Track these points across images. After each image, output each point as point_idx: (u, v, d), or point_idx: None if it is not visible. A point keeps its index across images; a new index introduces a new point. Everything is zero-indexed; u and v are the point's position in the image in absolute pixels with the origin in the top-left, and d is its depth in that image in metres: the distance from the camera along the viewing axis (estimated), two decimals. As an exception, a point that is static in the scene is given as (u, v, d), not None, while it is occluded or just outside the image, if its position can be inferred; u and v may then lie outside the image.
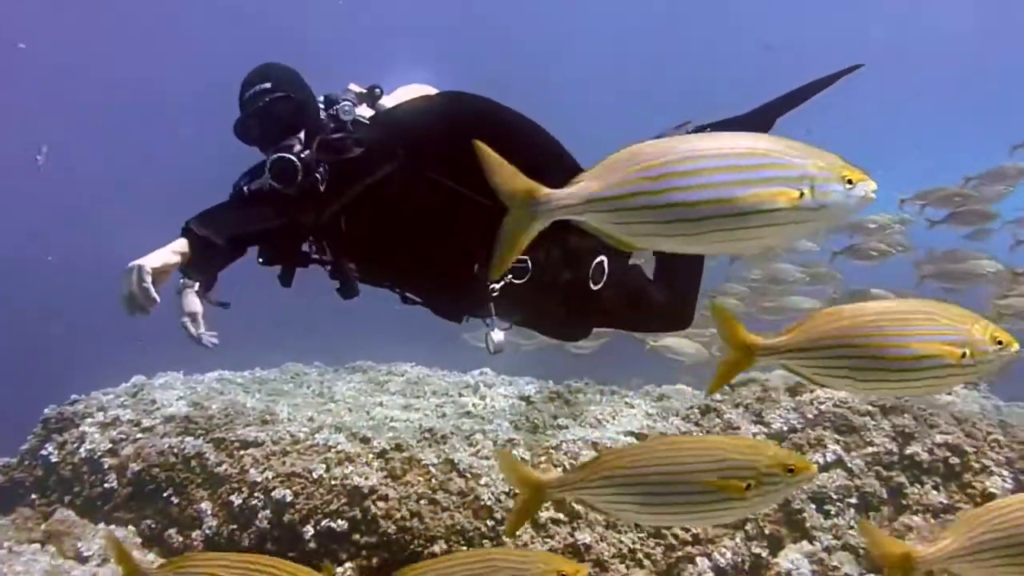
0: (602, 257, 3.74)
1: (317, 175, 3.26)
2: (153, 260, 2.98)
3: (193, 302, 3.28)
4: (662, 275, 4.08)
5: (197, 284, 3.36)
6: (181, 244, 3.10)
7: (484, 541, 4.52)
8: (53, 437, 5.46)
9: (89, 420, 5.29)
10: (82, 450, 5.13)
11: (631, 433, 5.33)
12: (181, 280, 3.36)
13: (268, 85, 3.38)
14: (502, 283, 3.53)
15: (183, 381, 6.18)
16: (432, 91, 3.76)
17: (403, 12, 28.13)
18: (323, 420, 5.48)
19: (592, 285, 3.73)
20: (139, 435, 5.13)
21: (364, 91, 3.57)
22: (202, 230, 3.12)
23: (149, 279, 2.91)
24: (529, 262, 3.50)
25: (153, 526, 4.73)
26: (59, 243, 23.25)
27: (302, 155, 3.28)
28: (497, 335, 3.69)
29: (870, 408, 5.13)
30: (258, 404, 5.62)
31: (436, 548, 4.47)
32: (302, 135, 3.36)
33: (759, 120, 4.09)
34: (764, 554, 4.47)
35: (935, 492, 4.66)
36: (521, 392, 6.81)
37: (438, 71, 3.86)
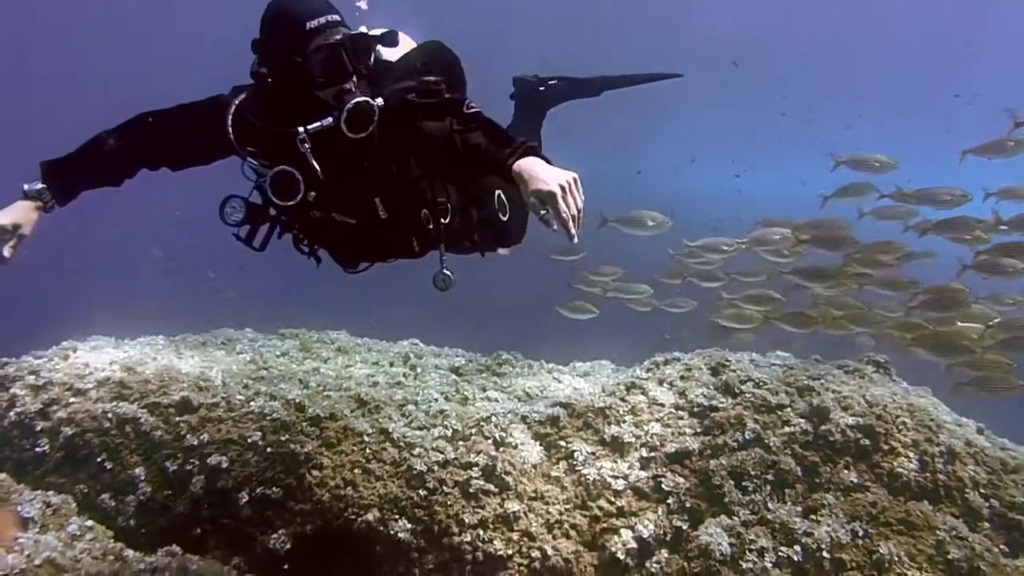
0: (499, 191, 4.04)
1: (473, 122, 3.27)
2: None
3: (32, 217, 3.24)
4: (509, 203, 4.25)
5: (52, 201, 3.34)
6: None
7: (416, 510, 4.65)
8: (-19, 399, 5.38)
9: (20, 383, 5.22)
10: (12, 414, 5.08)
11: (559, 404, 5.46)
12: (39, 187, 3.30)
13: (338, 17, 3.28)
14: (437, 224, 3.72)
15: (115, 345, 6.13)
16: (410, 40, 3.81)
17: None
18: (258, 387, 5.51)
19: (502, 216, 4.06)
20: (72, 399, 5.09)
21: (378, 35, 3.49)
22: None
23: None
24: (448, 204, 3.70)
25: (86, 491, 4.72)
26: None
27: (374, 101, 3.26)
28: (447, 271, 3.82)
29: (787, 389, 5.36)
30: (192, 369, 5.62)
31: (370, 516, 4.59)
32: (355, 79, 3.32)
33: (593, 86, 4.94)
34: (685, 527, 4.66)
35: (847, 471, 4.90)
36: (451, 363, 6.94)
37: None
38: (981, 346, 6.63)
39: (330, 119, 3.23)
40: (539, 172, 2.86)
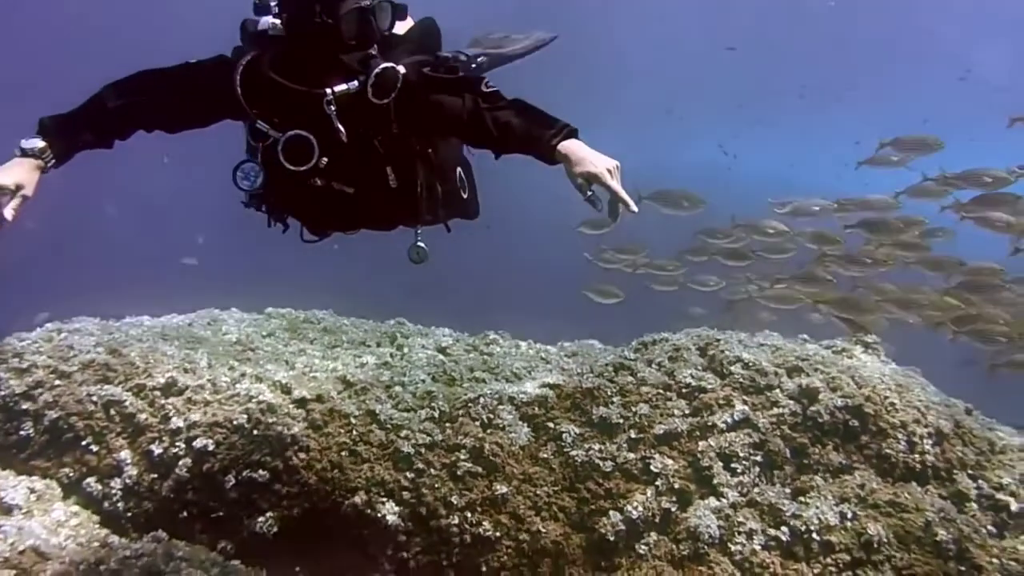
0: (458, 168, 4.04)
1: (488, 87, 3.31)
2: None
3: (34, 177, 3.05)
4: (467, 181, 4.28)
5: (53, 160, 3.14)
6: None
7: (404, 493, 4.63)
8: (-35, 383, 5.32)
9: (4, 366, 5.16)
10: (-5, 396, 5.04)
11: (547, 385, 5.43)
12: (40, 145, 3.09)
13: None
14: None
15: (99, 327, 6.07)
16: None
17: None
18: (244, 369, 5.48)
19: (463, 194, 4.05)
20: (56, 382, 5.04)
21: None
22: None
23: None
24: (419, 179, 3.67)
25: (71, 475, 4.69)
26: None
27: (397, 69, 3.27)
28: (421, 244, 3.90)
29: (776, 370, 5.34)
30: (177, 352, 5.58)
31: (357, 499, 4.57)
32: (375, 47, 3.31)
33: (504, 58, 4.84)
34: (674, 509, 4.65)
35: (835, 452, 4.90)
36: (438, 343, 6.89)
37: None
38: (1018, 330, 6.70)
39: (356, 83, 3.22)
40: (587, 155, 2.98)
